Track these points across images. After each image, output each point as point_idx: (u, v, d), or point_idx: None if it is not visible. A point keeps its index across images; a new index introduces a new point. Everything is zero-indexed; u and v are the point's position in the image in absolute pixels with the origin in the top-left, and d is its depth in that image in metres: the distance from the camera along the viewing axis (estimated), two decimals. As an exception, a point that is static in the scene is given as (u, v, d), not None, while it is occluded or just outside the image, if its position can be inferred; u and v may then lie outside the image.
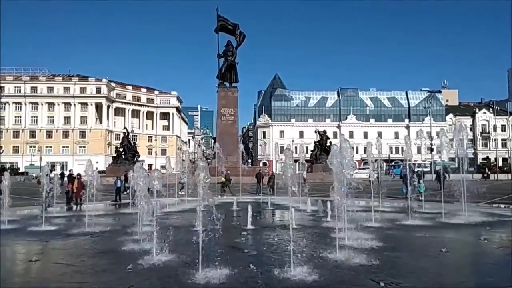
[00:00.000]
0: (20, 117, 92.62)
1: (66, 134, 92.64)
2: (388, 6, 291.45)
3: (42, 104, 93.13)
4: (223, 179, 26.94)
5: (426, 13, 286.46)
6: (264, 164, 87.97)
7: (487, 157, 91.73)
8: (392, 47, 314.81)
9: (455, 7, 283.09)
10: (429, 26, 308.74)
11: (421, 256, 8.24)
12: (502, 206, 18.87)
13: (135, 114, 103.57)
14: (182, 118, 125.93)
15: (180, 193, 24.95)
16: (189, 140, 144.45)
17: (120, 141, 54.95)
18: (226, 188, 26.68)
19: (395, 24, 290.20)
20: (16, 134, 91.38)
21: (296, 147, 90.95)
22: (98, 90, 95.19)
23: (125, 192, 22.78)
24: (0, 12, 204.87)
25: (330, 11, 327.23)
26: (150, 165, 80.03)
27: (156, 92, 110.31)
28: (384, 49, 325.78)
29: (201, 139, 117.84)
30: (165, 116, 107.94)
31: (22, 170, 72.85)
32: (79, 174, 21.15)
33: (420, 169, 32.63)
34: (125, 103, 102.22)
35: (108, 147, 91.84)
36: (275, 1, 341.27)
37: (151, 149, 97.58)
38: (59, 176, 22.63)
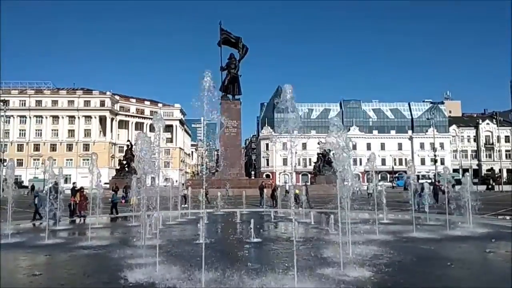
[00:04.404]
0: (25, 130, 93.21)
1: (70, 147, 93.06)
2: (389, 18, 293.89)
3: (46, 118, 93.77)
4: (297, 191, 24.74)
5: (428, 25, 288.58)
6: (267, 176, 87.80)
7: (491, 168, 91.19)
8: (394, 58, 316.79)
9: (457, 19, 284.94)
10: (431, 37, 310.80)
11: (427, 268, 8.17)
12: (508, 217, 18.72)
13: (139, 126, 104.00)
14: (185, 131, 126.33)
15: (183, 205, 24.94)
16: (192, 152, 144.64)
17: (123, 154, 55.12)
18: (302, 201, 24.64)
19: (397, 36, 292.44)
20: (20, 147, 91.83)
21: (298, 159, 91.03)
22: (102, 103, 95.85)
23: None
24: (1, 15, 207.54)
25: (332, 23, 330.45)
26: (152, 178, 79.92)
27: (160, 105, 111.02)
28: (386, 60, 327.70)
29: (205, 151, 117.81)
30: (168, 128, 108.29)
31: (26, 183, 72.97)
32: (82, 187, 21.14)
33: (423, 181, 32.56)
34: (128, 115, 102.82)
35: (112, 159, 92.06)
36: (276, 15, 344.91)
37: (154, 162, 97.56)
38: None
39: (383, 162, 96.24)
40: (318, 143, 60.71)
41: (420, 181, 35.45)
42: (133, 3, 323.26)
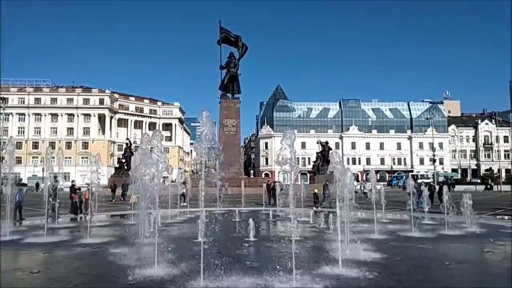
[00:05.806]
0: (24, 128, 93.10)
1: (69, 145, 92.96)
2: (389, 18, 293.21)
3: (45, 115, 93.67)
4: (316, 190, 24.66)
5: (427, 24, 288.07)
6: (267, 175, 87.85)
7: (490, 168, 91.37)
8: (394, 58, 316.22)
9: (456, 18, 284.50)
10: (431, 37, 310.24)
11: (425, 268, 8.19)
12: (506, 218, 18.76)
13: (138, 125, 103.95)
14: (185, 129, 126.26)
15: (182, 204, 24.97)
16: (191, 150, 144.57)
17: (122, 152, 55.09)
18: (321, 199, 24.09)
19: (397, 35, 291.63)
20: (19, 145, 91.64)
21: (298, 158, 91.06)
22: (101, 101, 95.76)
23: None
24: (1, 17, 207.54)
25: (332, 23, 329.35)
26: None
27: (159, 103, 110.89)
28: (386, 60, 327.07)
29: (204, 149, 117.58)
30: (167, 127, 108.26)
31: (25, 181, 72.92)
32: (88, 185, 21.04)
33: (421, 181, 32.75)
34: (128, 114, 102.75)
35: (111, 158, 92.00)
36: (276, 12, 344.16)
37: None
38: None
39: (382, 161, 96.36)
40: (317, 142, 60.73)
41: (419, 180, 35.56)
42: (133, 3, 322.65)
